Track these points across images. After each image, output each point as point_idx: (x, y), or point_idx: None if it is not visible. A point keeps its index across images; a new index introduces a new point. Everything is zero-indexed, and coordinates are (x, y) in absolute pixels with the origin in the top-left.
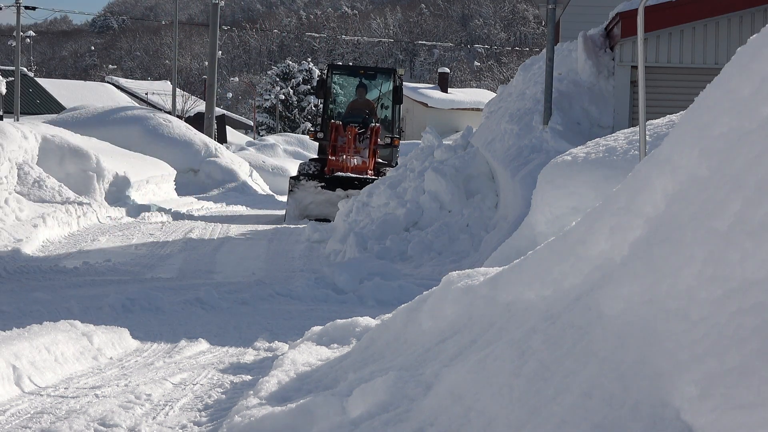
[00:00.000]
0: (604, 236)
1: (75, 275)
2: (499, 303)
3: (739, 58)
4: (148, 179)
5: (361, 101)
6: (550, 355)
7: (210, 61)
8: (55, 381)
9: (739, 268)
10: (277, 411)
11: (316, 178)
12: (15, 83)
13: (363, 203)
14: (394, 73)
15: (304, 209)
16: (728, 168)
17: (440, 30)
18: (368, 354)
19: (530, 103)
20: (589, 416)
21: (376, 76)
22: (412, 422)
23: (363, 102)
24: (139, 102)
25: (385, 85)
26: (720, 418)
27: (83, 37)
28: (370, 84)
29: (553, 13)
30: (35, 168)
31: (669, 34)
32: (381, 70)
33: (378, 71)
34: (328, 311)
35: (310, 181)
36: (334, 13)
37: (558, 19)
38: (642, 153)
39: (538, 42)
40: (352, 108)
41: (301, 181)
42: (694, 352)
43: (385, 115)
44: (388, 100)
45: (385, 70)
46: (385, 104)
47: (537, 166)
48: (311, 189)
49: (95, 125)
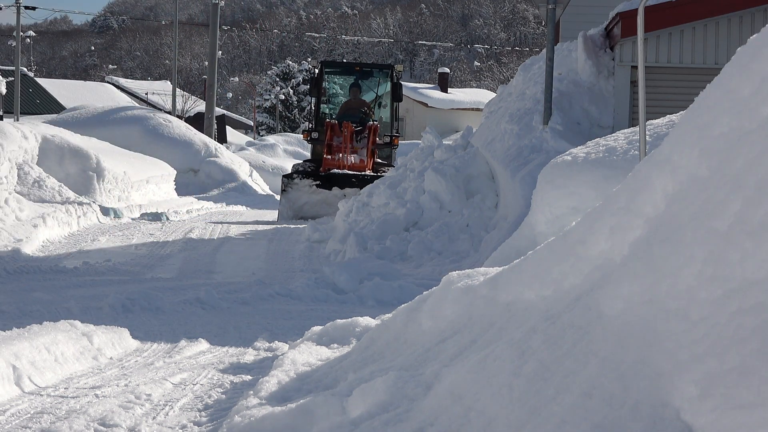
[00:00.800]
0: (604, 236)
1: (75, 275)
2: (499, 303)
3: (739, 58)
4: (148, 179)
5: (356, 101)
6: (550, 355)
7: (210, 61)
8: (55, 381)
9: (739, 268)
10: (277, 411)
11: (310, 177)
12: (15, 83)
13: (363, 203)
14: (392, 70)
15: (298, 210)
16: (728, 168)
17: (440, 30)
18: (368, 354)
19: (530, 103)
20: (589, 416)
21: (373, 73)
22: (412, 422)
23: (357, 102)
24: (139, 102)
25: (382, 82)
26: (720, 418)
27: (83, 37)
28: (367, 82)
29: (553, 13)
30: (35, 168)
31: (669, 34)
32: (377, 67)
33: (374, 68)
34: (328, 311)
35: (304, 180)
36: (334, 13)
37: (558, 19)
38: (642, 153)
39: (538, 42)
40: (347, 109)
41: (294, 180)
42: (694, 352)
43: (380, 116)
44: (386, 98)
45: (382, 67)
46: (383, 103)
47: (537, 166)
48: (305, 188)
49: (95, 125)
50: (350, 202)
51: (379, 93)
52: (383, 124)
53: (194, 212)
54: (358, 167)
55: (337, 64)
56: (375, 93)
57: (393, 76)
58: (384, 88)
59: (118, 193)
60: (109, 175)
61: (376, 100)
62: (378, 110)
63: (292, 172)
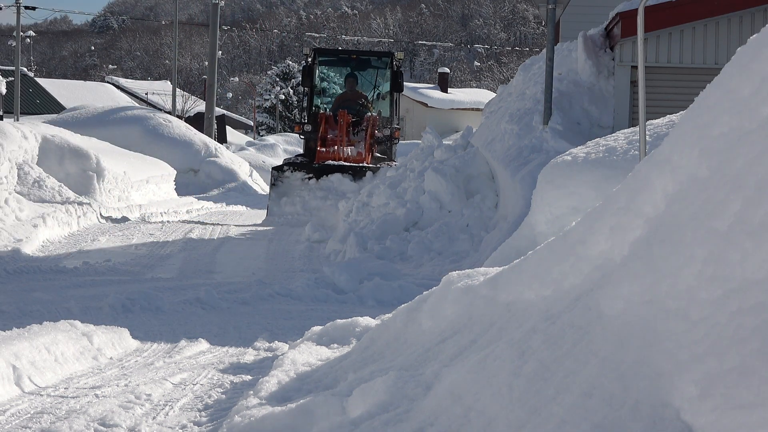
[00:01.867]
0: (604, 236)
1: (75, 275)
2: (499, 303)
3: (739, 58)
4: (148, 179)
5: (352, 93)
6: (550, 355)
7: (210, 61)
8: (55, 381)
9: (739, 268)
10: (277, 411)
11: (303, 169)
12: (15, 83)
13: (363, 203)
14: (391, 58)
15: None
16: (728, 168)
17: (440, 30)
18: (368, 354)
19: (530, 103)
20: (589, 416)
21: (371, 61)
22: (412, 422)
23: (354, 94)
24: (139, 102)
25: (381, 71)
26: (720, 418)
27: (83, 37)
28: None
29: (553, 13)
30: (35, 168)
31: (669, 34)
32: (376, 54)
33: (372, 55)
34: (328, 311)
35: (296, 173)
36: (334, 13)
37: (558, 19)
38: (642, 153)
39: (538, 42)
40: (342, 101)
41: (285, 172)
42: (694, 352)
43: (379, 109)
44: (386, 89)
45: (381, 54)
46: (383, 94)
47: (537, 166)
48: (297, 182)
49: (95, 125)
50: (350, 201)
51: (377, 83)
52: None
53: (194, 212)
54: (354, 160)
55: (332, 52)
56: (373, 84)
57: (393, 65)
58: (383, 78)
59: (118, 193)
60: (109, 175)
61: (374, 91)
62: (377, 103)
63: (282, 164)
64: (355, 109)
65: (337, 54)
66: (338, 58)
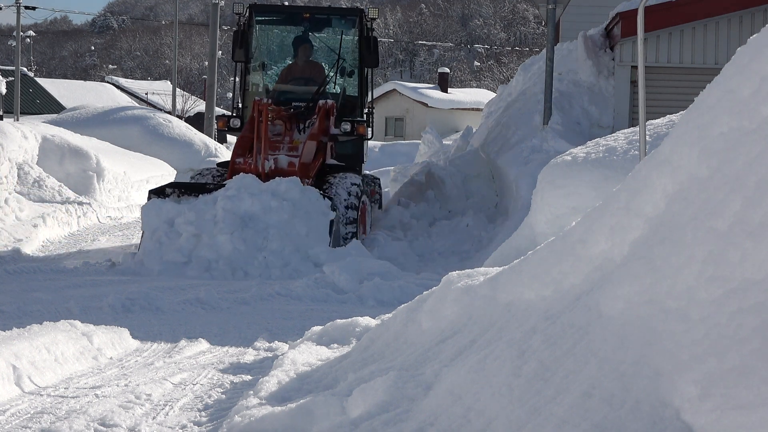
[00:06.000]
0: (604, 236)
1: (75, 275)
2: (499, 303)
3: (739, 58)
4: (148, 179)
5: (304, 65)
6: (550, 355)
7: (210, 61)
8: (55, 381)
9: (739, 268)
10: (277, 411)
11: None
12: (15, 83)
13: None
14: (360, 16)
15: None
16: (728, 168)
17: (440, 30)
18: (368, 354)
19: (530, 103)
20: (589, 416)
21: (331, 21)
22: (412, 422)
23: (307, 66)
24: (139, 102)
25: (346, 35)
26: (720, 418)
27: (83, 37)
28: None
29: (553, 13)
30: (35, 168)
31: (669, 34)
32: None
33: (333, 14)
34: (328, 311)
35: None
36: None
37: (558, 19)
38: (642, 153)
39: (538, 42)
40: (290, 77)
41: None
42: (694, 352)
43: (344, 87)
44: (353, 60)
45: (346, 12)
46: (348, 67)
47: (537, 166)
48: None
49: (95, 125)
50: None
51: (342, 52)
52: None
53: None
54: (284, 174)
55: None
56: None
57: (363, 28)
58: (349, 44)
59: (118, 193)
60: (109, 175)
61: (337, 65)
62: (341, 80)
63: (165, 186)
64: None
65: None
66: (286, 15)
